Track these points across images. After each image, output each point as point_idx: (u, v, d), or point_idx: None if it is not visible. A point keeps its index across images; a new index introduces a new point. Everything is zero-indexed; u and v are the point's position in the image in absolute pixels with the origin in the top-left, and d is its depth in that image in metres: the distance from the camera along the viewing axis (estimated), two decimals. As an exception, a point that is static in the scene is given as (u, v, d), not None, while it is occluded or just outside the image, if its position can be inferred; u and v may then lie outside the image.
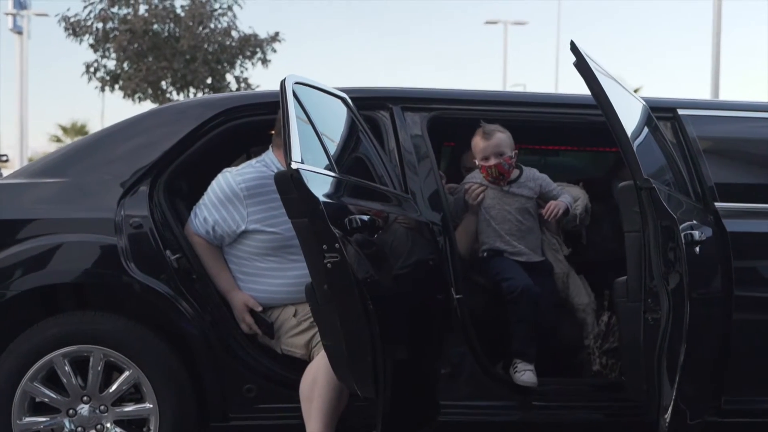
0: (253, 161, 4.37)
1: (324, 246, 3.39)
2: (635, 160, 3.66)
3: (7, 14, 36.14)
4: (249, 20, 53.02)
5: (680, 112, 4.63)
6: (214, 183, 4.28)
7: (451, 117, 4.67)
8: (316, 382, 3.98)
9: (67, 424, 4.22)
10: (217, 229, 4.24)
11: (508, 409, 4.43)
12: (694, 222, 3.94)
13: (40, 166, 4.55)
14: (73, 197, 4.36)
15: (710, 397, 4.29)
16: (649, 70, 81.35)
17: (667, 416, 3.65)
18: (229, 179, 4.25)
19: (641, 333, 3.86)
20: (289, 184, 3.41)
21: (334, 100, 4.32)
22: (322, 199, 3.42)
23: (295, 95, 3.71)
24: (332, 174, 3.77)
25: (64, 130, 46.70)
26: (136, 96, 22.31)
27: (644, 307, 3.83)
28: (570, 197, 4.71)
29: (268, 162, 4.29)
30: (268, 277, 4.29)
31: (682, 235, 3.63)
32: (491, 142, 4.54)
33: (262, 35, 23.38)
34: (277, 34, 23.69)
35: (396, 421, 3.83)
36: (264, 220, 4.22)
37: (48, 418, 4.24)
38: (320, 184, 3.53)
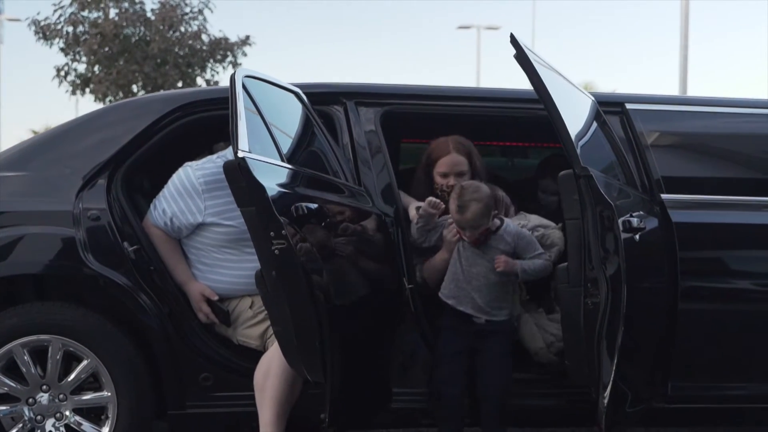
0: (214, 156, 4.46)
1: (271, 233, 3.49)
2: (573, 149, 3.78)
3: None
4: (220, 24, 53.09)
5: (628, 106, 4.73)
6: (174, 176, 4.37)
7: (405, 112, 4.76)
8: (270, 372, 4.08)
9: (26, 412, 4.29)
10: (175, 221, 4.32)
11: None
12: (635, 211, 4.06)
13: (0, 161, 4.62)
14: (33, 190, 4.43)
15: (652, 384, 4.39)
16: (622, 74, 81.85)
17: (606, 395, 3.77)
18: (189, 172, 4.33)
19: (581, 317, 3.96)
20: (237, 172, 3.51)
21: (287, 94, 4.41)
22: (267, 186, 3.52)
23: (245, 88, 3.81)
24: (281, 164, 3.87)
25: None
26: (107, 99, 22.31)
27: (584, 292, 3.93)
28: (537, 265, 4.35)
29: (229, 157, 4.37)
30: (225, 268, 4.37)
31: (620, 221, 3.75)
32: (465, 217, 4.25)
33: (233, 39, 23.48)
34: (247, 37, 23.75)
35: (346, 406, 3.94)
36: (221, 213, 4.30)
37: (8, 407, 4.30)
38: (268, 173, 3.62)
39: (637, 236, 3.90)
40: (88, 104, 73.88)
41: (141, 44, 22.42)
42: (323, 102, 4.62)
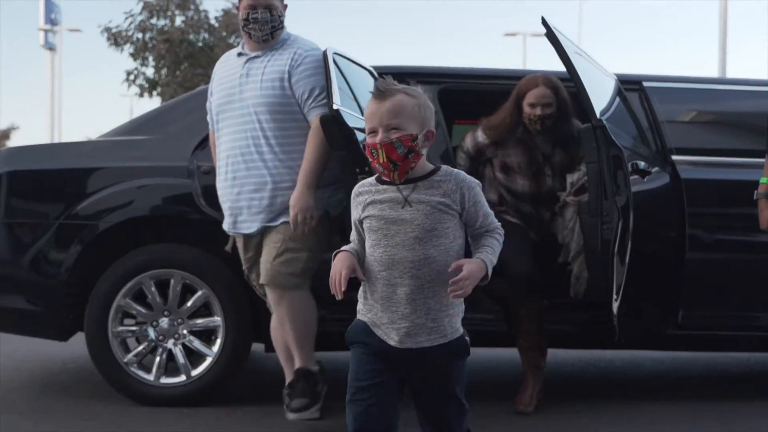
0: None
1: (357, 169, 4.31)
2: (590, 105, 4.58)
3: (40, 30, 36.46)
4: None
5: (645, 84, 5.54)
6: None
7: (459, 89, 5.56)
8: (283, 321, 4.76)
9: (151, 332, 5.13)
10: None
11: (493, 322, 5.22)
12: (644, 156, 4.85)
13: (130, 127, 5.52)
14: (157, 149, 5.26)
15: (663, 313, 5.13)
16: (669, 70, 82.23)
17: (618, 298, 4.54)
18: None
19: (599, 239, 4.71)
20: (332, 121, 4.36)
21: (364, 71, 5.19)
22: (356, 131, 4.33)
23: (334, 61, 4.63)
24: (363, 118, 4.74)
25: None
26: (173, 101, 23.12)
27: (601, 220, 4.67)
28: (497, 248, 2.98)
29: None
30: None
31: (629, 163, 4.58)
32: (382, 106, 2.91)
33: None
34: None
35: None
36: None
37: (136, 328, 5.17)
38: (355, 122, 4.40)
39: (646, 178, 4.70)
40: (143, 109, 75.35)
41: (205, 49, 23.28)
42: None
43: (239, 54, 4.88)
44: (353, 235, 3.04)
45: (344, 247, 3.00)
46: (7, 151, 5.55)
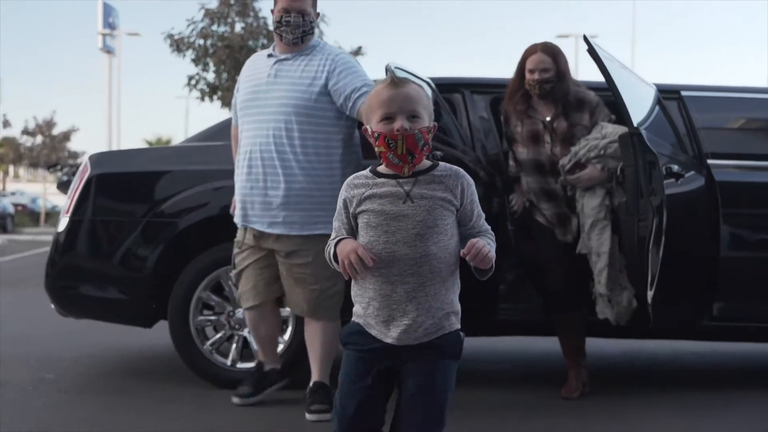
0: None
1: None
2: (628, 115, 4.93)
3: (99, 34, 36.94)
4: (334, 35, 54.81)
5: (683, 93, 5.88)
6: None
7: None
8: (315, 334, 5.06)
9: (227, 322, 5.55)
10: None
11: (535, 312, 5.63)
12: (678, 160, 5.19)
13: (207, 134, 5.97)
14: (231, 154, 5.51)
15: (698, 305, 5.46)
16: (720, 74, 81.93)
17: (653, 288, 4.89)
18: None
19: (636, 236, 5.07)
20: None
21: (422, 83, 5.43)
22: None
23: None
24: None
25: (150, 144, 46.50)
26: (234, 105, 23.53)
27: (638, 218, 5.03)
28: (493, 242, 2.90)
29: None
30: None
31: (663, 167, 4.95)
32: (401, 92, 2.85)
33: (347, 49, 24.55)
34: (359, 48, 25.01)
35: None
36: None
37: (215, 317, 5.60)
38: None
39: (679, 180, 5.07)
40: (196, 120, 75.89)
41: (264, 55, 23.56)
42: (447, 91, 5.81)
43: (269, 55, 5.09)
44: (340, 231, 2.93)
45: (340, 236, 2.91)
46: (96, 155, 6.01)
